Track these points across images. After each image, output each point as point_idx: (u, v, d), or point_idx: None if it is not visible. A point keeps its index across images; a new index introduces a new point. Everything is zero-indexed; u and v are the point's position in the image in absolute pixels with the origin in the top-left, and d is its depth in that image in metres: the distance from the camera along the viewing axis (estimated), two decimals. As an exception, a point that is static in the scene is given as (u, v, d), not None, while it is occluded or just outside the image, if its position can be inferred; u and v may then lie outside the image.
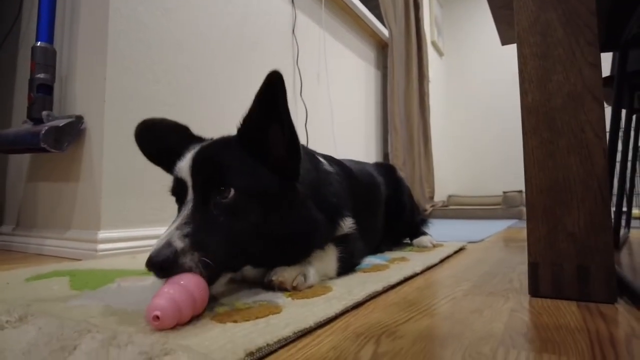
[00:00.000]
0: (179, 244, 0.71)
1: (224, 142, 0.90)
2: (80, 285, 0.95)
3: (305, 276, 0.87)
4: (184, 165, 0.83)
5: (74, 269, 1.17)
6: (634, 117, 2.05)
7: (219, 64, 2.06)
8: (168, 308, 0.60)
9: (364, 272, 1.11)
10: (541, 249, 0.91)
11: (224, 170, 0.82)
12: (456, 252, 1.66)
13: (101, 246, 1.50)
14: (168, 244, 0.71)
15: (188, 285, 0.66)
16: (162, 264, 0.69)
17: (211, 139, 0.94)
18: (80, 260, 1.44)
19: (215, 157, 0.85)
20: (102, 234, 1.52)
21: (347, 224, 1.09)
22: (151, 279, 1.00)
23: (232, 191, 0.80)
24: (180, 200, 0.83)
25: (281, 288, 0.84)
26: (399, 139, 3.89)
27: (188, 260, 0.70)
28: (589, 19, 0.88)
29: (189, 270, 0.70)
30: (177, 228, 0.74)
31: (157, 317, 0.59)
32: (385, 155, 3.96)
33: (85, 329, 0.56)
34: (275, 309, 0.71)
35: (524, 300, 0.88)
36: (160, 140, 0.97)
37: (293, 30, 2.63)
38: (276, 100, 0.80)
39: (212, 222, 0.78)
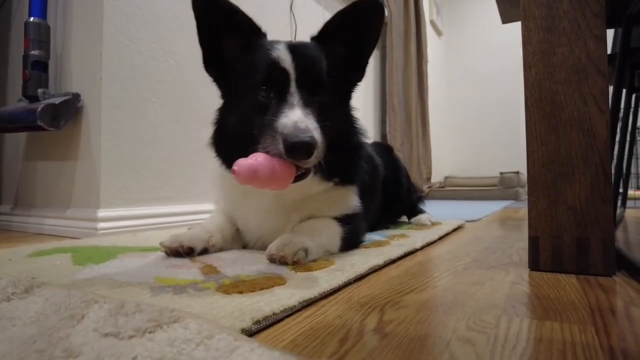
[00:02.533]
0: (317, 136, 0.79)
1: (314, 46, 0.98)
2: (83, 260, 0.95)
3: (306, 251, 0.88)
4: (286, 57, 0.89)
5: (75, 246, 1.17)
6: (633, 96, 2.05)
7: (216, 42, 2.03)
8: (244, 166, 0.74)
9: (365, 247, 1.12)
10: (542, 222, 0.91)
11: (324, 76, 0.93)
12: (454, 229, 1.67)
13: (101, 225, 1.50)
14: (309, 128, 0.78)
15: (272, 158, 0.77)
16: (308, 148, 0.76)
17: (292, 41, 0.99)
18: (79, 239, 1.44)
19: (319, 61, 0.94)
20: (102, 213, 1.52)
21: (352, 203, 1.09)
22: (153, 255, 1.00)
23: (327, 95, 0.92)
24: (277, 86, 0.88)
25: (282, 262, 0.85)
26: (397, 120, 3.87)
27: (315, 156, 0.79)
28: (596, -9, 0.87)
29: (310, 163, 0.80)
30: (307, 117, 0.82)
31: (234, 171, 0.73)
32: (384, 136, 3.95)
33: (92, 299, 0.57)
34: (280, 280, 0.72)
35: (524, 273, 0.89)
36: (231, 14, 0.96)
37: (291, 8, 2.58)
38: (368, 28, 0.99)
39: (318, 120, 0.85)
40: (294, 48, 0.92)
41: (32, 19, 1.63)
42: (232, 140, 0.98)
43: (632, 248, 1.27)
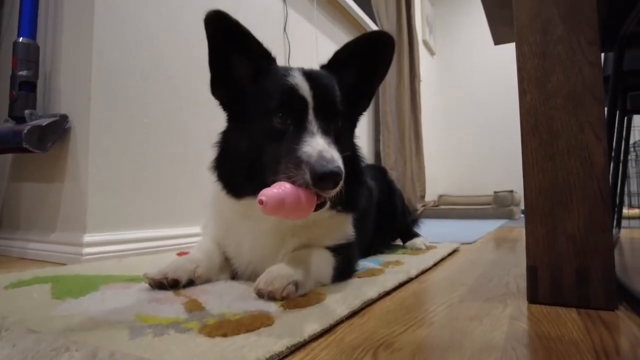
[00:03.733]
0: (342, 165, 0.78)
1: (328, 75, 0.97)
2: (62, 292, 0.90)
3: (296, 285, 0.83)
4: (303, 85, 0.88)
5: (57, 275, 1.12)
6: (625, 118, 2.06)
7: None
8: (273, 197, 0.73)
9: (358, 277, 1.08)
10: (540, 251, 0.88)
11: (339, 104, 0.93)
12: (450, 254, 1.64)
13: (87, 250, 1.45)
14: (334, 158, 0.77)
15: (297, 188, 0.76)
16: (336, 179, 0.76)
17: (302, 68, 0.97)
18: (64, 264, 1.39)
19: (335, 90, 0.94)
20: (88, 237, 1.47)
21: (348, 232, 1.07)
22: (136, 286, 0.96)
23: (340, 123, 0.93)
24: (295, 113, 0.87)
25: (271, 298, 0.81)
26: (390, 138, 3.87)
27: (339, 186, 0.79)
28: (591, 16, 0.86)
29: (332, 193, 0.79)
30: (329, 146, 0.81)
31: (261, 202, 0.72)
32: (377, 153, 3.94)
33: (63, 345, 0.52)
34: (267, 320, 0.67)
35: (523, 306, 0.85)
36: (242, 37, 0.93)
37: (284, 28, 2.59)
38: (379, 59, 1.00)
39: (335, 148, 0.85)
40: (310, 76, 0.92)
41: (21, 39, 1.60)
42: (239, 165, 0.95)
43: (630, 275, 1.24)
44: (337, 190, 0.80)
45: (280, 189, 0.75)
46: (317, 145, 0.80)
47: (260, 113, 0.91)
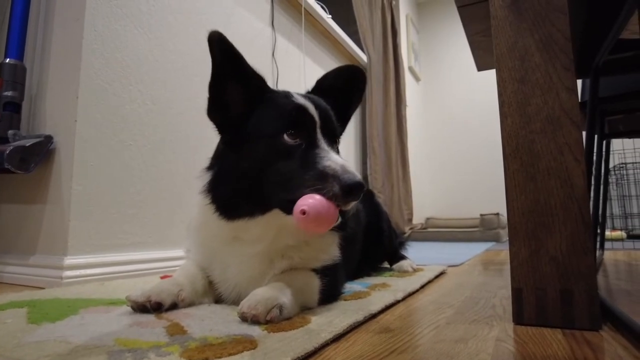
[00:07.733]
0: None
1: (322, 99, 1.01)
2: (39, 317, 0.87)
3: (281, 309, 0.82)
4: (311, 106, 0.92)
5: (34, 299, 1.08)
6: (604, 142, 2.12)
7: (197, 84, 2.03)
8: (313, 207, 0.75)
9: (345, 299, 1.07)
10: (524, 273, 0.89)
11: (338, 126, 1.00)
12: (437, 276, 1.63)
13: (67, 273, 1.41)
14: (355, 171, 0.81)
15: (328, 200, 0.78)
16: (363, 189, 0.80)
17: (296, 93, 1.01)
18: (43, 288, 1.35)
19: (332, 112, 1.00)
20: (69, 260, 1.44)
21: (334, 253, 1.06)
22: (118, 310, 0.93)
23: (338, 142, 1.00)
24: (306, 131, 0.90)
25: (255, 321, 0.79)
26: (377, 162, 3.91)
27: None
28: (565, 45, 0.90)
29: (350, 206, 0.83)
30: (345, 162, 0.84)
31: (304, 212, 0.74)
32: (365, 177, 3.96)
33: (36, 371, 0.50)
34: (250, 344, 0.66)
35: (509, 328, 0.85)
36: (239, 61, 0.94)
37: (273, 54, 2.64)
38: (352, 90, 1.10)
39: None
40: (310, 98, 0.96)
41: (7, 60, 1.60)
42: (239, 186, 0.93)
43: (614, 296, 1.25)
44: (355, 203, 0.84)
45: (312, 199, 0.77)
46: (338, 160, 0.84)
47: (267, 132, 0.91)
